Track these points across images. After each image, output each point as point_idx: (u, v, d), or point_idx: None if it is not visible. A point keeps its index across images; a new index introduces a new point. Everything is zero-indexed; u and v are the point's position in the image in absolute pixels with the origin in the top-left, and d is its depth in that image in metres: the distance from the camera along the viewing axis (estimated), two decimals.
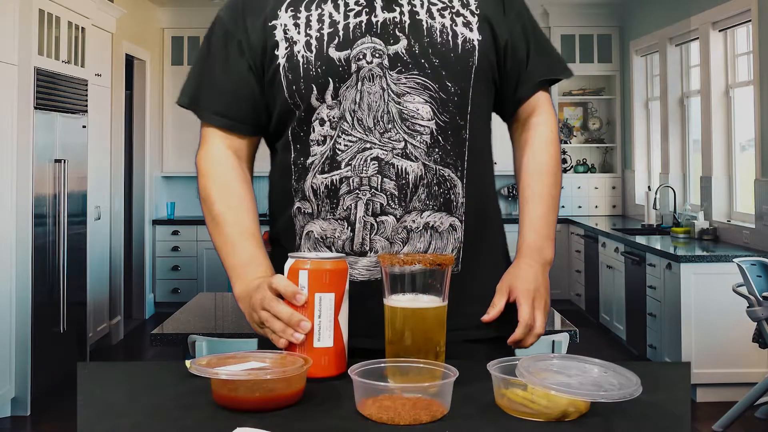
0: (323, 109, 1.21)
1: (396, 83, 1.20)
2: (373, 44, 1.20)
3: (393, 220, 1.20)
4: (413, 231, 1.20)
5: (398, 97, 1.20)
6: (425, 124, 1.20)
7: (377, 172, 1.19)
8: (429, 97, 1.20)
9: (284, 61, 1.22)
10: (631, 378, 0.90)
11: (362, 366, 0.94)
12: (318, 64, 1.20)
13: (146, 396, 0.98)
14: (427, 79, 1.20)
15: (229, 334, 2.53)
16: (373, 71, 1.20)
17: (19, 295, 4.04)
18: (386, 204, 1.19)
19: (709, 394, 4.24)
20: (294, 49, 1.21)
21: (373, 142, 1.20)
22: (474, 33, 1.24)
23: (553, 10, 7.21)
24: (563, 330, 2.56)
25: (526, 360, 0.95)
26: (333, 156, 1.20)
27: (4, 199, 3.98)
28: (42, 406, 4.14)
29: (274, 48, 1.23)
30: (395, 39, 1.21)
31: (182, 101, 1.32)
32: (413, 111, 1.20)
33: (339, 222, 1.21)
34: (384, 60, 1.20)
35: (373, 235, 1.20)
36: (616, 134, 7.33)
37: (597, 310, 6.07)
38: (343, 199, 1.20)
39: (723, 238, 5.01)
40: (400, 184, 1.19)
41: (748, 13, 4.73)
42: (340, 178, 1.20)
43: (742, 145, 5.18)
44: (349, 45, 1.20)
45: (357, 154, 1.20)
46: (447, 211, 1.22)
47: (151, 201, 6.86)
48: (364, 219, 1.20)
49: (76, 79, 4.71)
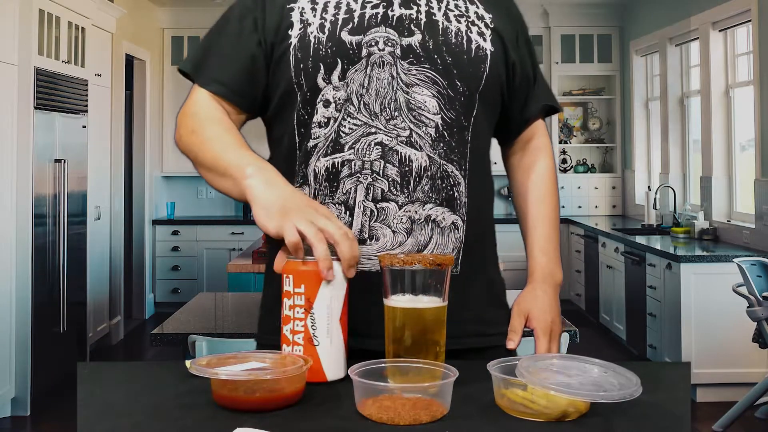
0: (329, 90, 1.20)
1: (406, 73, 1.20)
2: (387, 34, 1.21)
3: (395, 207, 1.18)
4: (416, 222, 1.19)
5: (407, 87, 1.20)
6: (431, 117, 1.20)
7: (380, 157, 1.18)
8: (437, 92, 1.20)
9: (296, 40, 1.21)
10: (631, 378, 0.90)
11: (362, 366, 0.94)
12: (329, 45, 1.20)
13: (146, 396, 0.98)
14: (437, 75, 1.21)
15: (229, 334, 2.53)
16: (384, 58, 1.20)
17: (19, 295, 4.05)
18: (387, 190, 1.18)
19: (709, 394, 4.24)
20: (307, 30, 1.21)
21: (378, 127, 1.19)
22: (487, 43, 1.25)
23: (553, 10, 7.21)
24: (563, 330, 2.55)
25: (526, 360, 0.95)
26: (336, 138, 1.19)
27: (4, 199, 3.99)
28: (42, 406, 4.14)
29: (288, 28, 1.22)
30: (410, 32, 1.21)
31: (185, 66, 1.29)
32: (421, 102, 1.20)
33: (337, 206, 1.19)
34: (396, 50, 1.20)
35: (373, 222, 1.18)
36: (616, 134, 7.33)
37: (597, 310, 6.07)
38: (344, 182, 1.19)
39: (723, 238, 5.02)
40: (402, 171, 1.18)
41: (748, 13, 4.73)
42: (342, 161, 1.19)
43: (742, 145, 5.18)
44: (363, 31, 1.21)
45: (361, 138, 1.19)
46: (450, 207, 1.21)
47: (151, 201, 6.86)
48: (364, 204, 1.18)
49: (76, 79, 4.71)
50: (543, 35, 7.28)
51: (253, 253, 4.25)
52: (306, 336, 1.02)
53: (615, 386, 0.89)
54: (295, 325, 1.02)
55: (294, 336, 1.02)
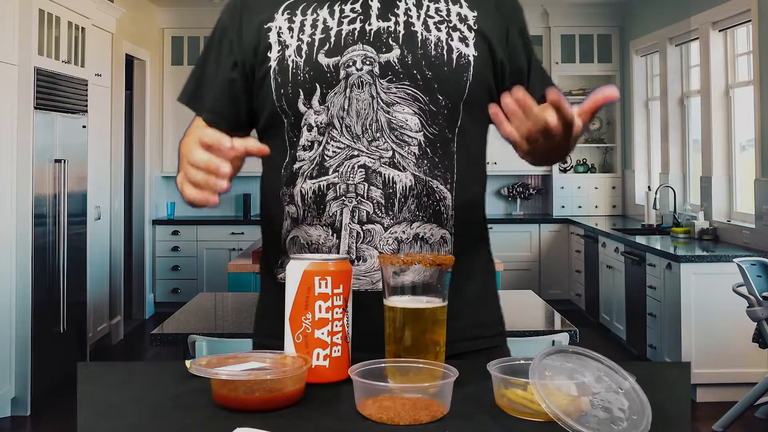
0: (310, 114, 1.20)
1: (386, 92, 1.19)
2: (364, 51, 1.19)
3: (380, 228, 1.19)
4: (403, 242, 1.19)
5: (387, 106, 1.19)
6: (413, 135, 1.19)
7: (364, 180, 1.18)
8: (418, 108, 1.19)
9: (275, 64, 1.22)
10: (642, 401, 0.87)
11: (362, 366, 0.94)
12: (306, 69, 1.20)
13: (146, 396, 0.98)
14: (417, 91, 1.19)
15: (229, 334, 2.53)
16: (362, 78, 1.19)
17: (19, 295, 4.05)
18: (372, 212, 1.19)
19: (709, 394, 4.24)
20: (285, 53, 1.21)
21: (360, 149, 1.19)
22: (470, 48, 1.23)
23: (553, 10, 7.21)
24: (563, 330, 2.56)
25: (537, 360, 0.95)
26: (321, 162, 1.20)
27: (4, 199, 3.98)
28: (42, 406, 4.14)
29: (266, 50, 1.23)
30: (388, 48, 1.20)
31: (182, 99, 1.33)
32: (402, 121, 1.19)
33: (324, 228, 1.20)
34: (375, 68, 1.19)
35: (360, 244, 1.19)
36: (616, 134, 7.33)
37: (597, 310, 6.07)
38: (329, 205, 1.19)
39: (723, 238, 5.02)
40: (387, 193, 1.19)
41: (748, 13, 4.73)
42: (327, 184, 1.19)
43: (742, 145, 5.18)
44: (340, 52, 1.20)
45: (345, 161, 1.19)
46: (437, 222, 1.21)
47: (151, 201, 6.86)
48: (350, 226, 1.19)
49: (76, 79, 4.72)
50: (543, 35, 7.28)
51: (253, 253, 4.25)
52: (343, 335, 1.04)
53: (625, 413, 0.87)
54: (334, 326, 1.03)
55: (333, 337, 1.03)
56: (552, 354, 0.93)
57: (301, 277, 1.03)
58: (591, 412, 0.86)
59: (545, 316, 3.01)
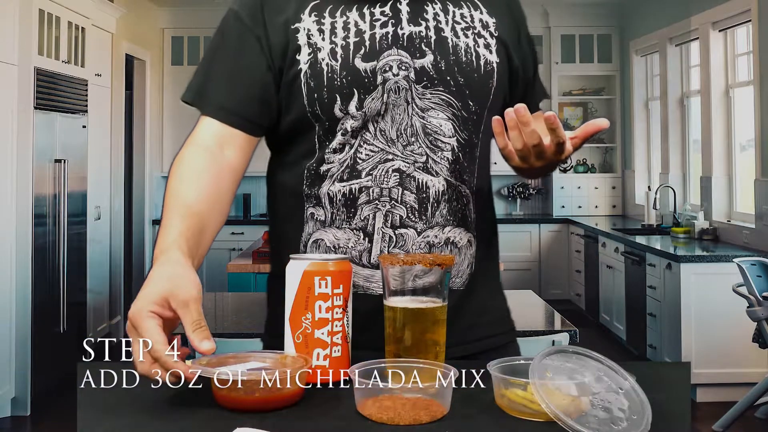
0: (347, 119, 1.17)
1: (421, 98, 1.19)
2: (399, 56, 1.18)
3: (413, 233, 1.18)
4: (435, 246, 1.19)
5: (422, 112, 1.19)
6: (447, 141, 1.20)
7: (398, 184, 1.18)
8: (452, 114, 1.20)
9: (306, 67, 1.17)
10: (642, 401, 0.88)
11: (362, 366, 0.94)
12: (344, 74, 1.17)
13: (146, 396, 0.98)
14: (451, 96, 1.19)
15: (229, 334, 2.53)
16: (399, 83, 1.18)
17: (19, 295, 4.05)
18: (405, 217, 1.18)
19: (709, 394, 4.24)
20: (318, 56, 1.17)
21: (395, 153, 1.18)
22: (493, 55, 1.24)
23: (553, 10, 7.21)
24: (563, 330, 2.56)
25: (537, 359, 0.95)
26: (353, 165, 1.18)
27: (4, 199, 3.98)
28: (42, 406, 4.14)
29: (296, 52, 1.18)
30: (421, 53, 1.19)
31: (186, 97, 1.23)
32: (436, 126, 1.19)
33: (355, 232, 1.18)
34: (410, 73, 1.18)
35: (391, 248, 1.18)
36: (616, 134, 7.33)
37: (597, 310, 6.07)
38: (362, 208, 1.18)
39: (723, 238, 5.02)
40: (420, 198, 1.18)
41: (748, 13, 4.73)
42: (360, 187, 1.18)
43: (742, 145, 5.18)
44: (376, 56, 1.18)
45: (378, 164, 1.18)
46: (464, 226, 1.22)
47: (151, 201, 6.86)
48: (383, 230, 1.18)
49: (76, 79, 4.72)
50: (543, 35, 7.28)
51: (253, 253, 4.25)
52: (343, 335, 1.04)
53: (625, 412, 0.87)
54: (334, 326, 1.03)
55: (333, 337, 1.03)
56: (552, 354, 0.93)
57: (301, 277, 1.03)
58: (591, 412, 0.86)
59: (545, 316, 3.00)
